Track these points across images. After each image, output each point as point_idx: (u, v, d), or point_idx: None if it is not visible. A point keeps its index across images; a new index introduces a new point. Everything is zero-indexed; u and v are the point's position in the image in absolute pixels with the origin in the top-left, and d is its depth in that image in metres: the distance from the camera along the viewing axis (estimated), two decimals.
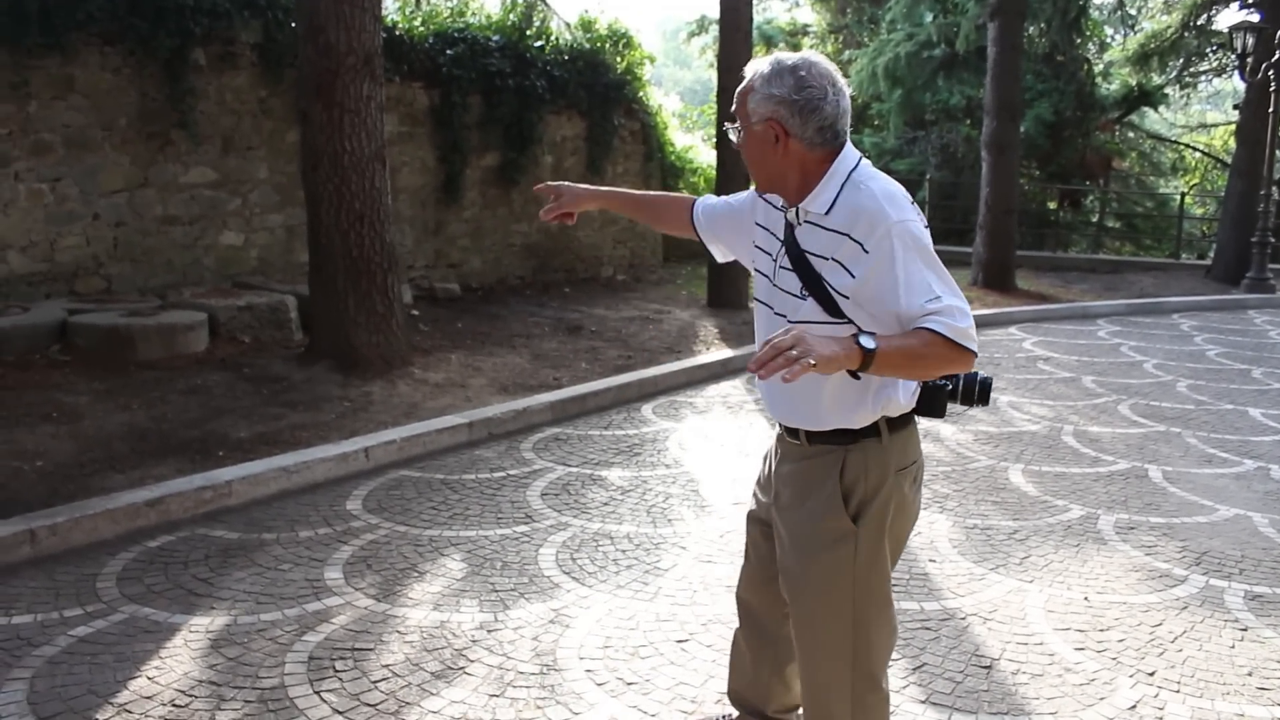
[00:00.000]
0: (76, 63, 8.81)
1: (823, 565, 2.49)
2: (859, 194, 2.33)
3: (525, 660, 3.74)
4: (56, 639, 3.84)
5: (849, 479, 2.46)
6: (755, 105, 2.39)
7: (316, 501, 5.43)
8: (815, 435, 2.50)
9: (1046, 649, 3.91)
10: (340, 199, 7.64)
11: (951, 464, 6.35)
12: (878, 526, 2.47)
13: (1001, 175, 14.83)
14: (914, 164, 22.01)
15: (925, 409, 2.50)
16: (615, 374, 8.22)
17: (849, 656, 2.52)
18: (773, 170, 2.44)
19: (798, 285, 2.41)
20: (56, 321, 7.86)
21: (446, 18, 12.47)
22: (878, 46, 21.73)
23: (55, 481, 5.29)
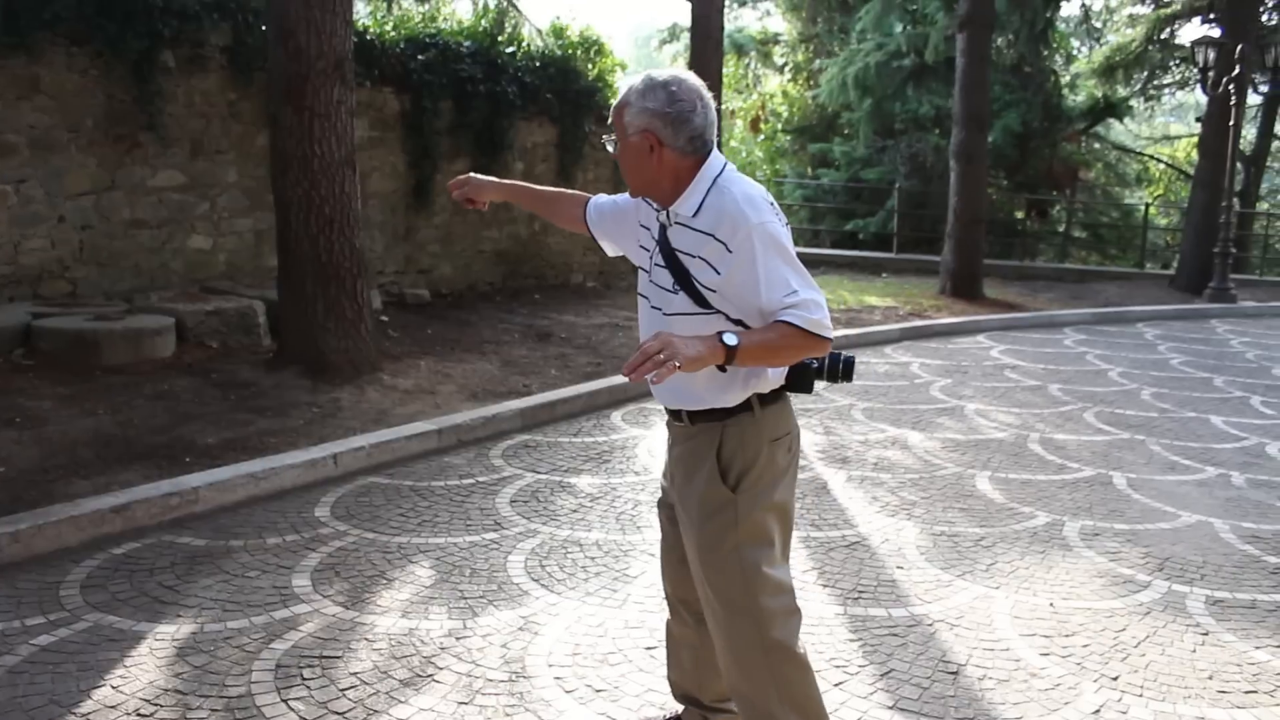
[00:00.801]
0: (42, 63, 8.72)
1: (708, 534, 2.68)
2: (722, 197, 2.55)
3: (494, 668, 3.73)
4: (18, 648, 3.80)
5: (726, 452, 2.66)
6: (631, 118, 2.60)
7: (284, 508, 5.40)
8: (696, 415, 2.70)
9: (1012, 655, 3.94)
10: (310, 204, 7.60)
11: (919, 471, 6.39)
12: (754, 494, 2.66)
13: (970, 185, 14.96)
14: (883, 173, 22.15)
15: (794, 385, 2.71)
16: (585, 381, 8.21)
17: (754, 627, 2.67)
18: (647, 177, 2.64)
19: (670, 280, 2.63)
20: (20, 325, 7.77)
21: (418, 23, 12.46)
22: (848, 56, 21.86)
23: (18, 488, 5.23)
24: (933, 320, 12.60)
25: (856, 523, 5.41)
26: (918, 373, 9.70)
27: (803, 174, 25.12)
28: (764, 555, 2.68)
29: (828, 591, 4.51)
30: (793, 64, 27.83)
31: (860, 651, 3.94)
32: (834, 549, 5.01)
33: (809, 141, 25.26)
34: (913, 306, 13.52)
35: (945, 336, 12.10)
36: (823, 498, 5.82)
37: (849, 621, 4.21)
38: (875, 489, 6.01)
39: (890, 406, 8.17)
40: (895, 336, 11.68)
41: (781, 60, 28.36)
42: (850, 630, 4.13)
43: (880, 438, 7.19)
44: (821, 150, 24.32)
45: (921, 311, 13.20)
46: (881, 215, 21.45)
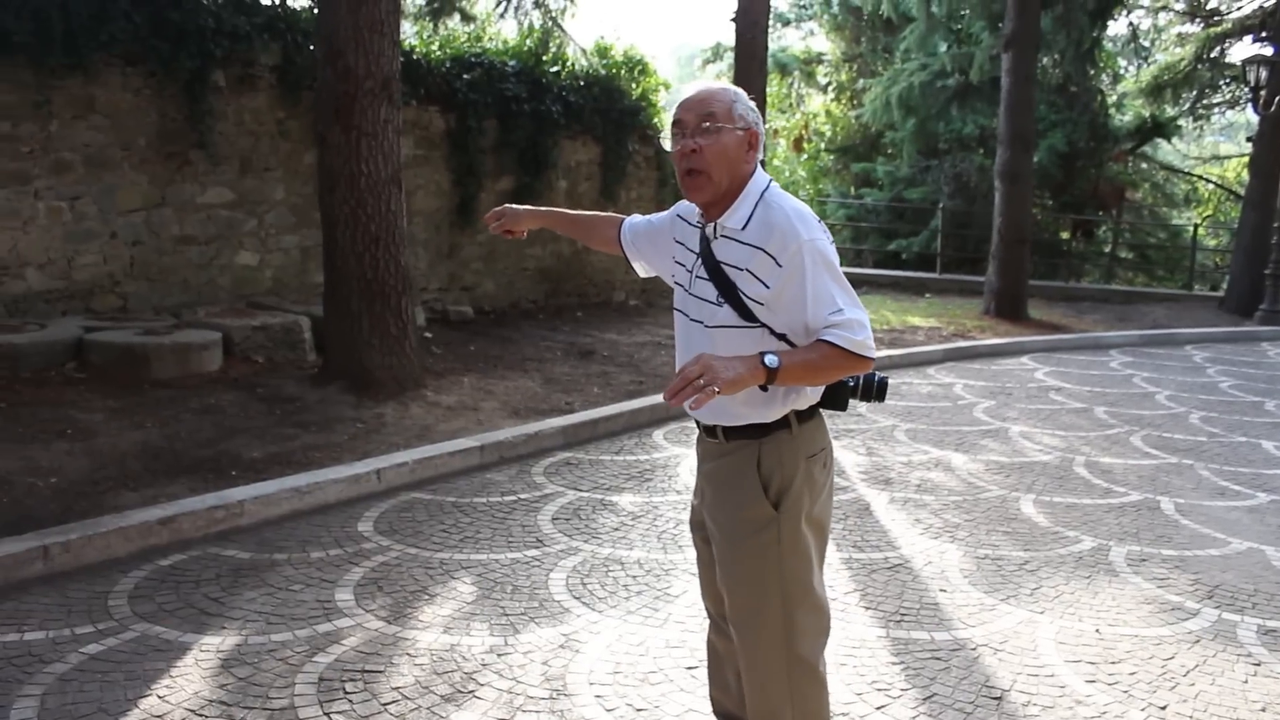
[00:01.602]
0: (98, 83, 8.90)
1: (749, 552, 2.68)
2: (772, 212, 2.58)
3: (535, 685, 3.74)
4: (68, 656, 3.86)
5: (765, 469, 2.66)
6: (743, 112, 2.64)
7: (328, 522, 5.44)
8: (731, 431, 2.69)
9: (1057, 681, 3.89)
10: (356, 221, 7.69)
11: (962, 493, 6.34)
12: (796, 511, 2.66)
13: (1015, 205, 14.86)
14: (927, 192, 22.04)
15: (829, 402, 2.72)
16: (627, 399, 8.23)
17: (782, 642, 2.68)
18: (734, 172, 2.63)
19: (714, 293, 2.63)
20: (72, 339, 7.90)
21: (464, 42, 12.57)
22: (892, 75, 21.79)
23: (69, 498, 5.31)
24: (976, 341, 12.50)
25: (899, 544, 5.37)
26: (961, 394, 9.63)
27: (846, 193, 25.05)
28: (804, 571, 2.69)
29: (870, 614, 4.48)
30: (836, 83, 27.78)
31: (903, 675, 3.91)
32: (876, 571, 4.98)
33: (852, 161, 25.20)
34: (956, 327, 13.43)
35: (989, 358, 12.01)
36: (865, 519, 5.78)
37: (891, 644, 4.18)
38: (918, 511, 5.97)
39: (933, 428, 8.11)
40: (938, 357, 11.60)
41: (825, 80, 28.32)
42: (893, 653, 4.10)
43: (923, 459, 7.14)
44: (865, 170, 24.25)
45: (965, 332, 13.10)
46: (925, 235, 21.34)
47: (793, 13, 28.43)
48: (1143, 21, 24.89)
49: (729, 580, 2.74)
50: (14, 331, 7.84)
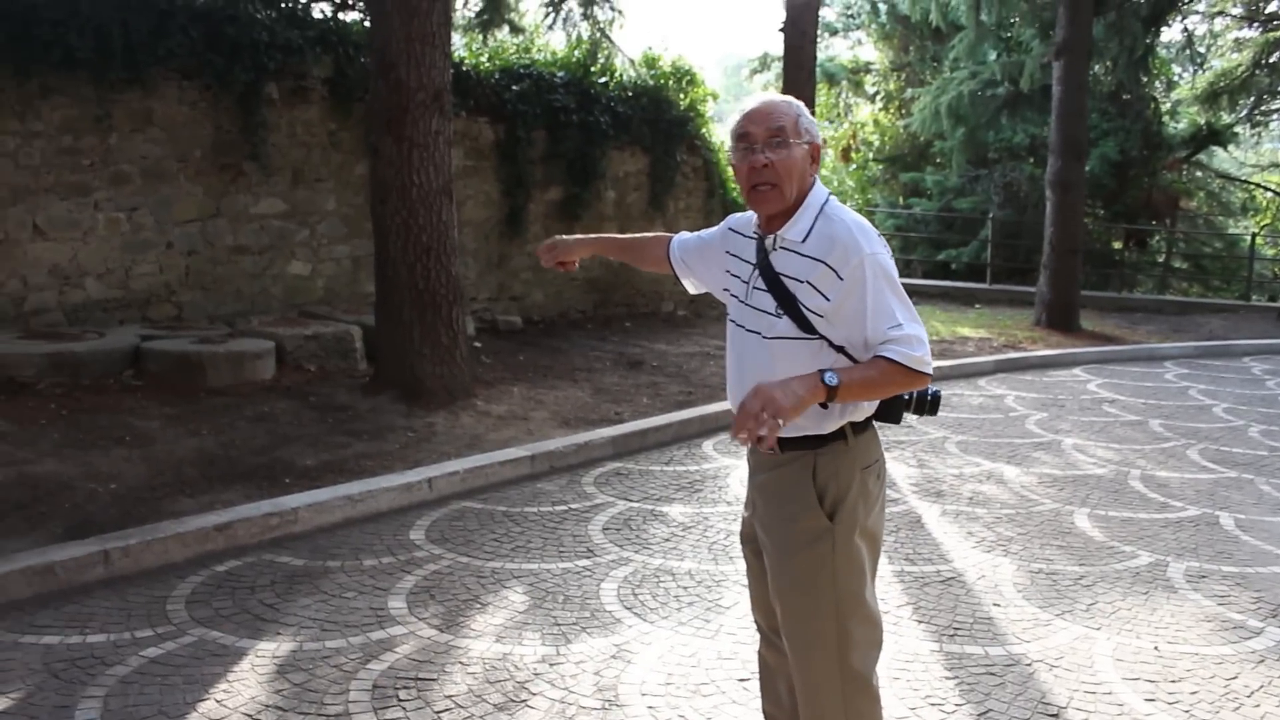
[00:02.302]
0: (155, 96, 9.07)
1: (803, 563, 2.67)
2: (833, 224, 2.58)
3: (587, 695, 3.74)
4: (128, 659, 3.92)
5: (821, 480, 2.65)
6: (808, 125, 2.66)
7: (380, 530, 5.49)
8: (787, 443, 2.66)
9: (1115, 699, 3.84)
10: (408, 231, 7.75)
11: (1015, 506, 6.27)
12: (851, 522, 2.65)
13: (1066, 214, 14.71)
14: (976, 202, 21.87)
15: (884, 415, 2.71)
16: (676, 409, 8.22)
17: (835, 654, 2.67)
18: (803, 186, 2.64)
19: (773, 304, 2.62)
20: (130, 347, 8.03)
21: (513, 54, 12.65)
22: (941, 85, 21.64)
23: (128, 504, 5.40)
24: (1027, 352, 12.38)
25: (951, 558, 5.32)
26: (1012, 405, 9.53)
27: (894, 203, 24.91)
28: (857, 583, 2.68)
29: (923, 628, 4.44)
30: (884, 93, 27.66)
31: (957, 690, 3.87)
32: (929, 584, 4.94)
33: (900, 171, 25.07)
34: (1007, 338, 13.30)
35: (1040, 369, 11.88)
36: (917, 531, 5.74)
37: (945, 659, 4.14)
38: (970, 524, 5.91)
39: (985, 440, 8.04)
40: (989, 368, 11.50)
41: (873, 89, 28.20)
42: (946, 668, 4.06)
43: (975, 471, 7.08)
44: (913, 179, 24.11)
45: (1016, 343, 12.98)
46: (974, 245, 21.17)
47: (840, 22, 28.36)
48: (1198, 27, 24.59)
49: (781, 592, 2.73)
50: (74, 340, 7.98)
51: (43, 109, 8.47)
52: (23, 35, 8.06)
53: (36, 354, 7.55)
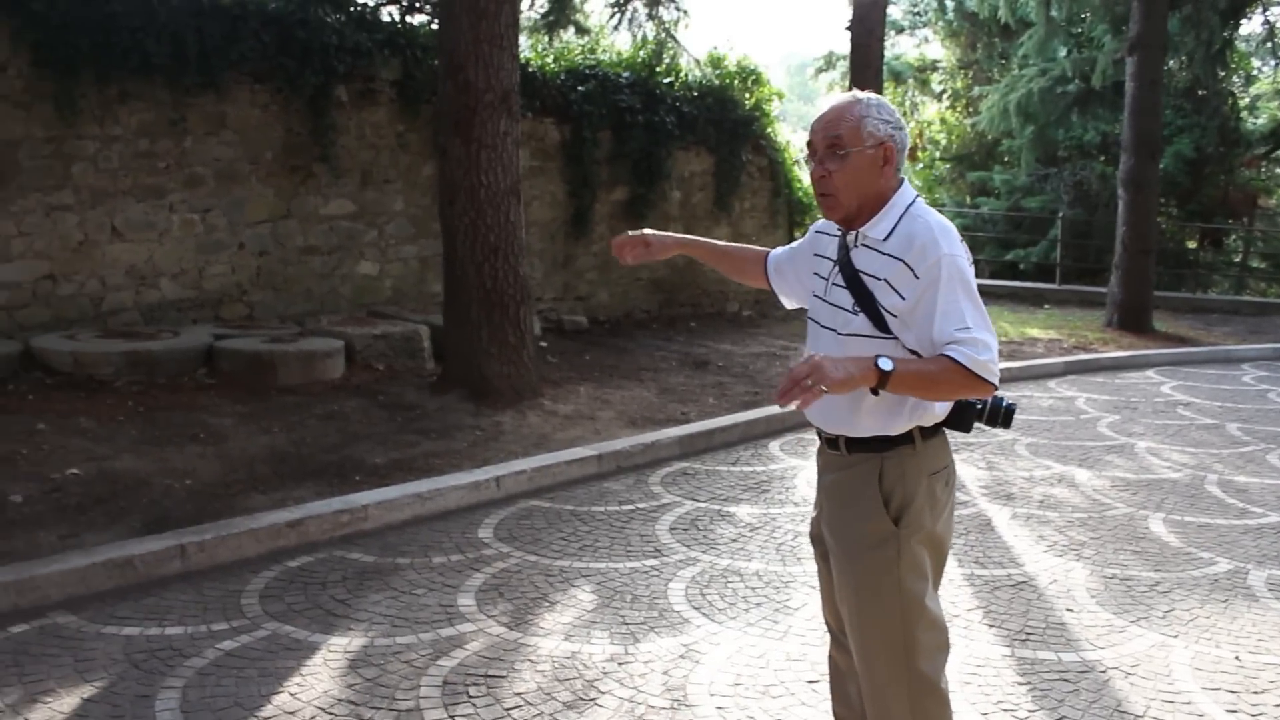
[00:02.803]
0: (229, 100, 9.22)
1: (867, 566, 2.64)
2: (916, 224, 2.55)
3: (656, 694, 3.74)
4: (205, 651, 3.99)
5: (887, 484, 2.62)
6: (873, 128, 2.58)
7: (449, 528, 5.53)
8: (854, 444, 2.66)
9: (1195, 709, 3.75)
10: (476, 232, 7.81)
11: (1088, 510, 6.16)
12: (916, 528, 2.62)
13: (1139, 214, 14.44)
14: (1045, 201, 21.55)
15: (954, 423, 2.69)
16: (743, 410, 8.20)
17: (901, 658, 2.64)
18: (870, 191, 2.60)
19: (850, 301, 2.61)
20: (203, 346, 8.18)
21: (578, 55, 12.70)
22: (1009, 82, 21.37)
23: (203, 500, 5.49)
24: (1099, 354, 12.17)
25: (1023, 561, 5.25)
26: (1084, 408, 9.38)
27: (961, 203, 24.63)
28: (922, 588, 2.65)
29: (994, 632, 4.38)
30: (951, 91, 27.37)
31: (1029, 696, 3.82)
32: (999, 588, 4.87)
33: (967, 170, 24.79)
34: (1077, 339, 13.09)
35: (1112, 371, 11.67)
36: (987, 535, 5.66)
37: (1017, 664, 4.08)
38: (1041, 527, 5.82)
39: (1055, 442, 7.91)
40: (1059, 370, 11.32)
41: (940, 87, 27.92)
42: (1018, 673, 4.00)
43: (1045, 474, 6.97)
44: (980, 179, 23.82)
45: (1087, 344, 12.76)
46: (1043, 245, 20.86)
47: (907, 20, 28.10)
48: None
49: (847, 595, 2.71)
50: (150, 339, 8.15)
51: (121, 113, 8.66)
52: (103, 43, 8.24)
53: (114, 352, 7.72)
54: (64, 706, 3.55)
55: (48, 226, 8.39)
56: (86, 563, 4.55)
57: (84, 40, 8.15)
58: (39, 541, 4.81)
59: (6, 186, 8.14)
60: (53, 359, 7.64)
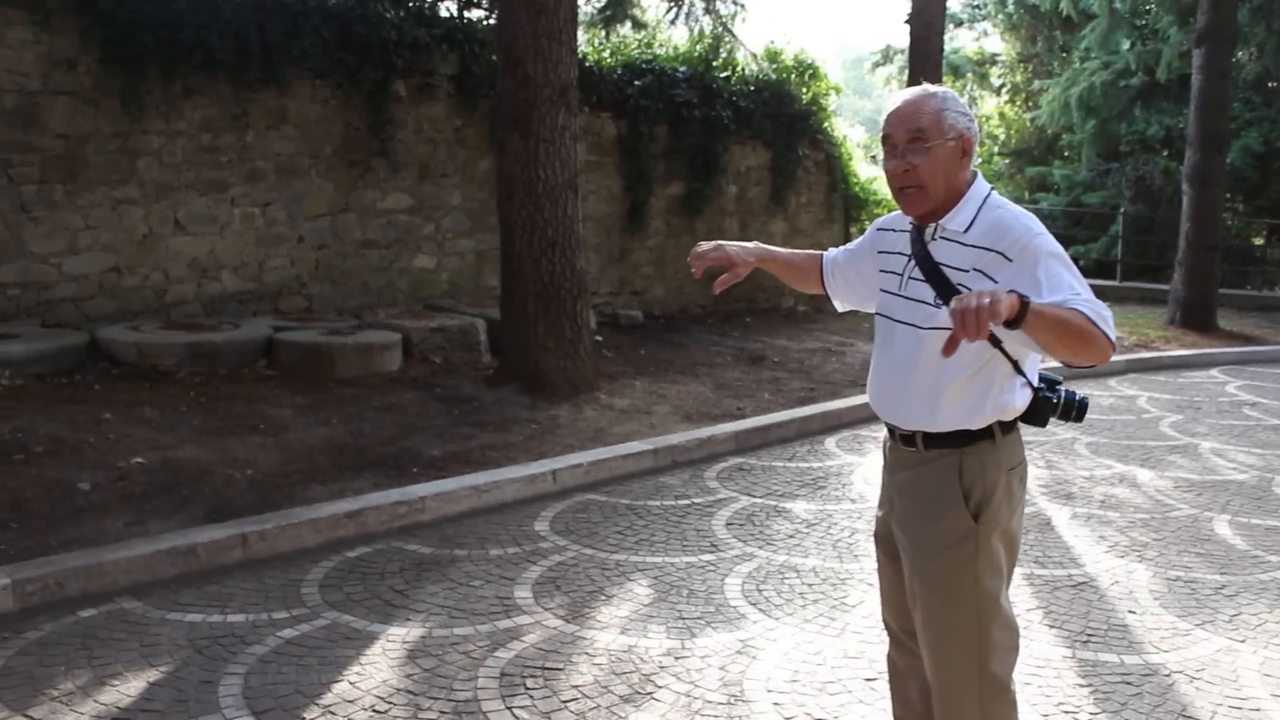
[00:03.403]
0: (289, 95, 9.33)
1: (945, 564, 2.60)
2: (998, 213, 2.54)
3: (713, 689, 3.73)
4: (266, 639, 4.04)
5: (967, 480, 2.58)
6: (954, 121, 2.56)
7: (505, 521, 5.56)
8: (932, 439, 2.61)
9: (1265, 716, 3.67)
10: (533, 226, 7.84)
11: (1150, 511, 6.06)
12: (994, 524, 2.59)
13: (1204, 209, 14.16)
14: (1106, 197, 21.21)
15: (1030, 417, 2.64)
16: (798, 406, 8.16)
17: (974, 659, 2.60)
18: (950, 183, 2.57)
19: (931, 295, 2.56)
20: (263, 338, 8.28)
21: (635, 49, 12.70)
22: (1071, 76, 21.05)
23: (263, 490, 5.56)
24: (1161, 352, 11.97)
25: (1083, 562, 5.17)
26: (1145, 407, 9.22)
27: (1020, 198, 24.28)
28: (997, 587, 2.62)
29: (1054, 633, 4.32)
30: (1010, 85, 27.01)
31: (1091, 699, 3.76)
32: (1060, 588, 4.80)
33: (1026, 165, 24.46)
34: (1138, 337, 12.87)
35: (1175, 369, 11.47)
36: (1046, 534, 5.59)
37: (1078, 666, 4.02)
38: (1103, 527, 5.73)
39: (1116, 442, 7.79)
40: (1120, 368, 11.14)
41: (999, 81, 27.56)
42: (1080, 675, 3.94)
43: (1107, 474, 6.86)
44: (1040, 174, 23.50)
45: (1148, 342, 12.55)
46: (1104, 241, 20.53)
47: (966, 13, 27.73)
48: None
49: (922, 594, 2.67)
50: (212, 330, 8.27)
51: (185, 109, 8.79)
52: (169, 39, 8.37)
53: (177, 344, 7.84)
54: (131, 690, 3.61)
55: (114, 220, 8.54)
56: (151, 550, 4.63)
57: (150, 37, 8.28)
58: (106, 528, 4.90)
59: (75, 181, 8.30)
60: (118, 350, 7.78)
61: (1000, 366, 2.56)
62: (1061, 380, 2.70)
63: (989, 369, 2.55)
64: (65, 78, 8.20)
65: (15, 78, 7.99)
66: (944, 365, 2.49)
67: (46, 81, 8.13)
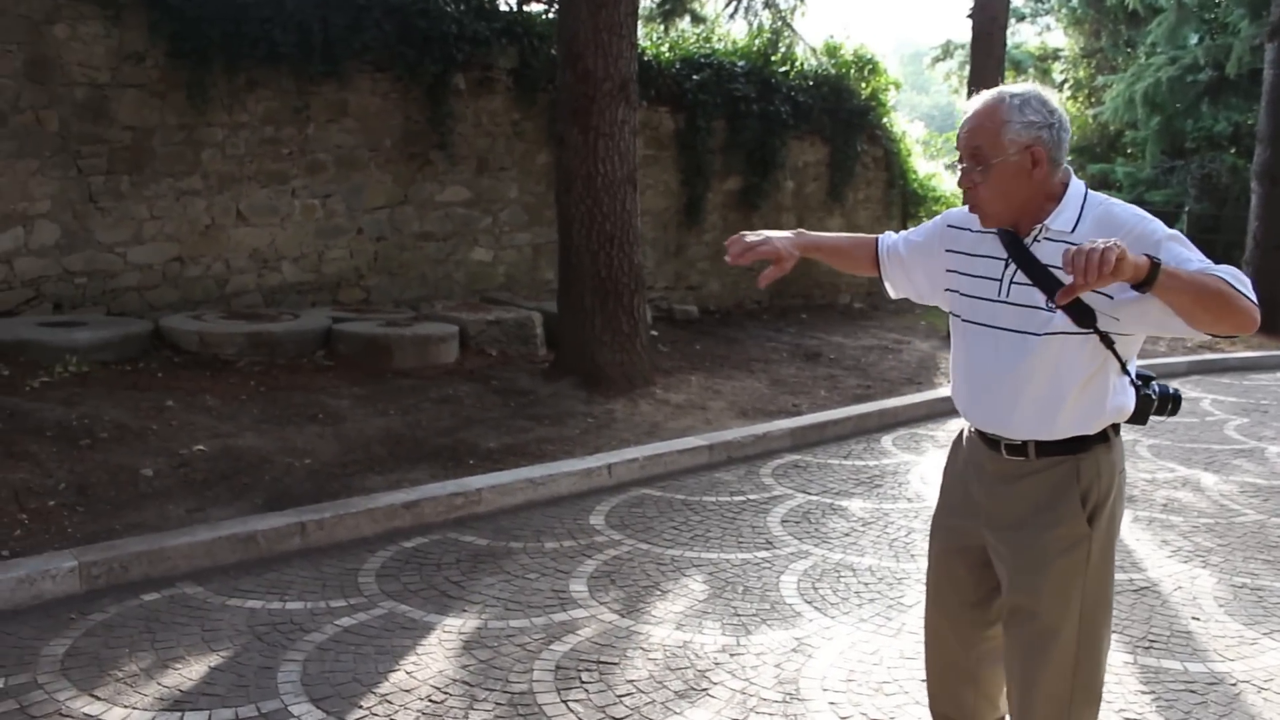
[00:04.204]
0: (350, 88, 9.41)
1: (1060, 572, 2.55)
2: (1103, 209, 2.48)
3: (768, 687, 3.72)
4: (324, 627, 4.08)
5: (1084, 485, 2.53)
6: (1014, 136, 2.46)
7: (560, 514, 5.57)
8: (1046, 447, 2.55)
9: None
10: (592, 220, 7.85)
11: (1215, 516, 5.94)
12: (1109, 527, 2.57)
13: (1273, 208, 13.89)
14: (1171, 195, 20.82)
15: (1134, 416, 2.61)
16: (854, 403, 8.11)
17: (1071, 665, 2.57)
18: (1021, 199, 2.50)
19: (1044, 299, 2.47)
20: (322, 329, 8.36)
21: (693, 43, 12.66)
22: (1136, 71, 20.69)
23: (321, 479, 5.62)
24: (1226, 354, 11.74)
25: (1145, 566, 5.08)
26: (1209, 409, 9.05)
27: None
28: (1108, 588, 2.61)
29: (1115, 638, 4.23)
30: (1073, 80, 26.61)
31: (1153, 706, 3.69)
32: (1121, 593, 4.72)
33: (1088, 162, 24.08)
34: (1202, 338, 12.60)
35: (1240, 372, 11.25)
36: None
37: (1140, 672, 3.95)
38: (1165, 532, 5.63)
39: (1179, 444, 7.65)
40: (1182, 370, 10.95)
41: (1061, 77, 27.16)
42: (1142, 682, 3.88)
43: (1169, 477, 6.74)
44: (1102, 171, 23.12)
45: (1213, 343, 12.30)
46: None
47: (1028, 7, 27.39)
48: None
49: (1031, 603, 2.58)
50: (272, 321, 8.37)
51: (248, 101, 8.90)
52: (234, 33, 8.47)
53: (238, 333, 7.94)
54: (192, 674, 3.67)
55: (177, 211, 8.67)
56: (212, 536, 4.70)
57: (216, 30, 8.39)
58: (168, 514, 4.98)
59: (141, 172, 8.44)
60: (180, 338, 7.90)
61: (1113, 367, 2.51)
62: (1154, 376, 2.66)
63: (1104, 371, 2.49)
64: (134, 71, 8.34)
65: (87, 71, 8.14)
66: (1061, 372, 2.46)
67: (115, 75, 8.28)
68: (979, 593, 2.75)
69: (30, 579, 4.22)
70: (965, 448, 2.78)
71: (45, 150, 8.02)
